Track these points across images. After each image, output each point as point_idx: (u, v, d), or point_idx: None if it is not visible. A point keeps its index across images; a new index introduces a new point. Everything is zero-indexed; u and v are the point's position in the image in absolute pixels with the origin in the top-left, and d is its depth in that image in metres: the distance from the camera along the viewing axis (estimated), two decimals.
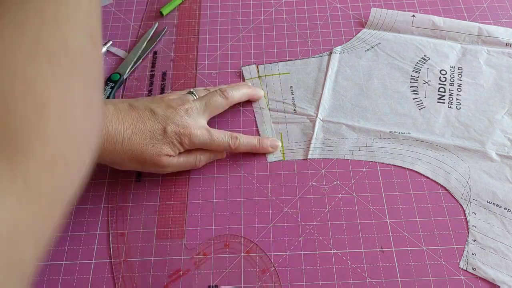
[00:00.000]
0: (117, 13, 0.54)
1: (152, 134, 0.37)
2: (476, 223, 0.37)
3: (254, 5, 0.54)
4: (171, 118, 0.37)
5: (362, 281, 0.35)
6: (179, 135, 0.37)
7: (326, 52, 0.49)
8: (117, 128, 0.35)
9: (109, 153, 0.35)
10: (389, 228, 0.38)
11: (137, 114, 0.37)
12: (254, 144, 0.41)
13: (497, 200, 0.38)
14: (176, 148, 0.38)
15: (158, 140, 0.37)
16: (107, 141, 0.35)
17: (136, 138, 0.36)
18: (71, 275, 0.37)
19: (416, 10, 0.51)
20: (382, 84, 0.46)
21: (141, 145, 0.36)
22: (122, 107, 0.37)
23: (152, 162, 0.37)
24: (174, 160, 0.38)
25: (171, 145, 0.37)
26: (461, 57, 0.47)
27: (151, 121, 0.37)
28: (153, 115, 0.37)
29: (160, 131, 0.37)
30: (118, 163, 0.38)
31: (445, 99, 0.44)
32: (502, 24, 0.49)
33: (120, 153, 0.36)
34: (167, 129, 0.37)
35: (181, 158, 0.39)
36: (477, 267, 0.35)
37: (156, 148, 0.37)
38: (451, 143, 0.42)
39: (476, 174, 0.40)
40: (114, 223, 0.39)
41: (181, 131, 0.37)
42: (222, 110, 0.42)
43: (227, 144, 0.40)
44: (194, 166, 0.40)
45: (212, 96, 0.40)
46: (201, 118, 0.39)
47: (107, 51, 0.50)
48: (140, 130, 0.36)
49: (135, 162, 0.37)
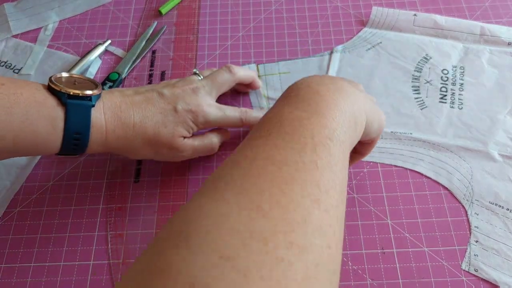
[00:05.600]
0: (115, 12, 0.54)
1: (164, 115, 0.35)
2: (478, 224, 0.37)
3: (254, 4, 0.53)
4: (180, 97, 0.36)
5: (363, 282, 0.35)
6: (192, 113, 0.36)
7: (327, 51, 0.48)
8: (126, 112, 0.34)
9: (122, 140, 0.34)
10: (390, 229, 0.38)
11: (145, 97, 0.36)
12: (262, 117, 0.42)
13: (500, 201, 0.38)
14: (190, 128, 0.36)
15: (171, 121, 0.35)
16: (118, 127, 0.34)
17: (147, 122, 0.35)
18: (69, 277, 0.36)
19: (417, 9, 0.51)
20: (384, 84, 0.45)
21: (153, 128, 0.35)
22: (128, 93, 0.36)
23: (166, 144, 0.36)
24: (189, 142, 0.37)
25: (185, 124, 0.36)
26: (463, 57, 0.47)
27: (160, 103, 0.35)
28: (161, 96, 0.36)
29: (171, 111, 0.35)
30: (131, 150, 0.36)
31: (447, 98, 0.44)
32: (503, 23, 0.49)
33: (132, 138, 0.34)
34: (178, 108, 0.35)
35: (195, 142, 0.38)
36: (479, 268, 0.35)
37: (169, 129, 0.35)
38: (453, 143, 0.41)
39: (478, 175, 0.39)
40: (113, 224, 0.39)
41: (193, 109, 0.36)
42: (228, 87, 0.40)
43: (239, 118, 0.39)
44: (210, 150, 0.39)
45: (218, 73, 0.40)
46: (210, 96, 0.38)
47: (105, 50, 0.50)
48: (150, 112, 0.35)
49: (149, 147, 0.36)
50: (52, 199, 0.41)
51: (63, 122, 0.31)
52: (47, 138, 0.31)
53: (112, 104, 0.34)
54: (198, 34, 0.51)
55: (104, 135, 0.33)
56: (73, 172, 0.42)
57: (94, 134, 0.33)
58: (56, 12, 0.54)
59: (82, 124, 0.32)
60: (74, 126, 0.32)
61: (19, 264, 0.37)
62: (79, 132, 0.32)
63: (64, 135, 0.32)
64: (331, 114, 0.26)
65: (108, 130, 0.33)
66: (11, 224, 0.39)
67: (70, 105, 0.32)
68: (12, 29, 0.52)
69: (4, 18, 0.53)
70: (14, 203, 0.40)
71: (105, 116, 0.33)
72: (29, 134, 0.30)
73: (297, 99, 0.27)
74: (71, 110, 0.32)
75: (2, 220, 0.40)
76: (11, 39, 0.52)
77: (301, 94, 0.28)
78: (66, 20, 0.53)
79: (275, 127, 0.25)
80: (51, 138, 0.31)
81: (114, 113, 0.34)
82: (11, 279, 0.37)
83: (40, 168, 0.42)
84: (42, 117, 0.30)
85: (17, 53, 0.50)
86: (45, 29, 0.52)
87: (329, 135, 0.25)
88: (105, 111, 0.33)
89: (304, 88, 0.28)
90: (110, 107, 0.34)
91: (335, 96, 0.27)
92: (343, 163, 0.25)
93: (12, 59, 0.50)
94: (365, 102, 0.30)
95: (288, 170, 0.22)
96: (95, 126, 0.33)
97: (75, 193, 0.41)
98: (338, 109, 0.26)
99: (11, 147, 0.30)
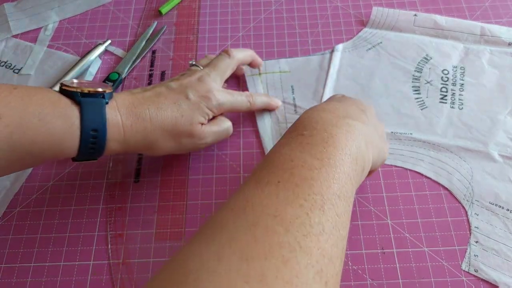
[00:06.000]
0: (115, 12, 0.54)
1: (178, 105, 0.35)
2: (478, 225, 0.37)
3: (254, 4, 0.53)
4: (189, 87, 0.36)
5: (363, 282, 0.35)
6: (204, 99, 0.36)
7: (327, 50, 0.48)
8: (141, 107, 0.34)
9: (141, 134, 0.34)
10: (390, 229, 0.38)
11: (155, 92, 0.36)
12: (267, 100, 0.43)
13: (500, 201, 0.38)
14: (205, 114, 0.36)
15: (186, 110, 0.35)
16: (135, 122, 0.33)
17: (163, 113, 0.34)
18: (69, 277, 0.36)
19: (417, 9, 0.51)
20: (384, 84, 0.45)
21: (171, 119, 0.35)
22: (137, 91, 0.36)
23: (186, 133, 0.36)
24: (208, 128, 0.37)
25: (200, 111, 0.36)
26: (463, 57, 0.47)
27: (171, 94, 0.36)
28: (170, 89, 0.36)
29: (184, 100, 0.35)
30: (152, 145, 0.35)
31: (447, 99, 0.44)
32: (503, 23, 0.49)
33: (151, 131, 0.34)
34: (189, 96, 0.36)
35: (214, 127, 0.38)
36: (479, 268, 0.35)
37: (187, 118, 0.35)
38: (454, 143, 0.41)
39: (478, 175, 0.39)
40: (113, 224, 0.39)
41: (204, 95, 0.36)
42: (230, 71, 0.40)
43: (246, 101, 0.40)
44: (227, 133, 0.40)
45: (218, 60, 0.40)
46: (216, 83, 0.38)
47: (105, 50, 0.50)
48: (164, 104, 0.35)
49: (170, 139, 0.35)
50: (52, 199, 0.41)
51: (78, 119, 0.31)
52: (63, 137, 0.31)
53: (125, 102, 0.34)
54: (198, 34, 0.51)
55: (122, 131, 0.33)
56: (73, 172, 0.42)
57: (111, 131, 0.32)
58: (56, 12, 0.54)
59: (98, 120, 0.32)
60: (90, 122, 0.31)
61: (19, 264, 0.37)
62: (95, 129, 0.31)
63: (81, 133, 0.31)
64: (342, 165, 0.26)
65: (125, 126, 0.33)
66: (11, 224, 0.39)
67: (84, 102, 0.32)
68: (12, 29, 0.52)
69: (4, 18, 0.53)
70: (14, 203, 0.40)
71: (119, 113, 0.33)
72: (46, 134, 0.30)
73: (311, 141, 0.27)
74: (86, 107, 0.31)
75: (2, 220, 0.40)
76: (11, 39, 0.52)
77: (314, 136, 0.28)
78: (66, 20, 0.53)
79: (285, 175, 0.25)
80: (68, 138, 0.31)
81: (129, 109, 0.34)
82: (11, 279, 0.37)
83: (40, 168, 0.42)
84: (57, 115, 0.30)
85: (17, 53, 0.50)
86: (45, 29, 0.52)
87: (338, 191, 0.25)
88: (119, 108, 0.33)
89: (319, 128, 0.28)
90: (124, 104, 0.34)
91: (347, 139, 0.28)
92: (347, 220, 0.25)
93: (12, 59, 0.50)
94: (373, 138, 0.31)
95: (295, 234, 0.21)
96: (111, 122, 0.32)
97: (75, 193, 0.41)
98: (349, 156, 0.27)
99: (28, 148, 0.30)
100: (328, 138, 0.27)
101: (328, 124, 0.29)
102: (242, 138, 0.43)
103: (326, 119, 0.29)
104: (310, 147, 0.27)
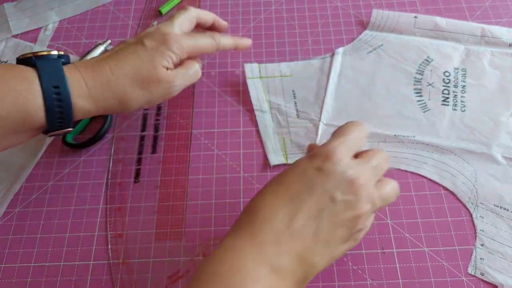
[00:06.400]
0: (115, 12, 0.54)
1: (136, 54, 0.35)
2: (483, 227, 0.37)
3: (254, 4, 0.53)
4: (144, 36, 0.36)
5: (363, 282, 0.35)
6: (163, 42, 0.36)
7: (328, 54, 0.48)
8: (99, 63, 0.34)
9: (106, 86, 0.34)
10: (390, 229, 0.38)
11: (112, 51, 0.36)
12: (234, 40, 0.42)
13: (504, 204, 0.38)
14: (168, 57, 0.36)
15: (145, 55, 0.35)
16: (96, 75, 0.34)
17: (123, 63, 0.35)
18: (69, 277, 0.36)
19: (417, 9, 0.51)
20: (385, 87, 0.45)
21: (132, 66, 0.35)
22: (94, 57, 0.37)
23: (152, 79, 0.35)
24: (174, 72, 0.37)
25: (160, 54, 0.36)
26: (464, 58, 0.47)
27: (128, 46, 0.36)
28: (126, 43, 0.37)
29: (141, 47, 0.35)
30: (122, 98, 0.35)
31: (450, 101, 0.44)
32: (503, 23, 0.49)
33: (115, 81, 0.34)
34: (146, 43, 0.36)
35: (180, 70, 0.37)
36: (485, 272, 0.35)
37: (149, 63, 0.35)
38: (456, 145, 0.41)
39: (482, 177, 0.39)
40: (113, 224, 0.39)
41: (161, 39, 0.36)
42: (190, 24, 0.40)
43: (211, 40, 0.40)
44: (196, 75, 0.39)
45: (174, 14, 0.40)
46: (172, 28, 0.37)
47: (105, 50, 0.50)
48: (122, 55, 0.35)
49: (138, 87, 0.35)
50: (52, 199, 0.41)
51: (37, 78, 0.31)
52: (27, 97, 0.31)
53: (83, 63, 0.35)
54: None
55: (84, 85, 0.33)
56: (73, 172, 0.42)
57: (74, 86, 0.32)
58: (56, 12, 0.54)
59: (56, 76, 0.32)
60: (49, 79, 0.31)
61: (19, 264, 0.37)
62: (57, 85, 0.32)
63: (43, 91, 0.31)
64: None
65: (86, 79, 0.33)
66: (11, 224, 0.39)
67: (39, 63, 0.32)
68: (12, 29, 0.52)
69: (4, 18, 0.53)
70: (14, 203, 0.40)
71: (78, 70, 0.33)
72: (8, 93, 0.30)
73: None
74: (42, 66, 0.32)
75: (2, 220, 0.40)
76: (11, 39, 0.52)
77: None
78: (66, 20, 0.53)
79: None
80: (31, 97, 0.31)
81: (87, 66, 0.34)
82: (11, 279, 0.37)
83: (40, 168, 0.42)
84: (16, 77, 0.31)
85: (17, 53, 0.50)
86: (45, 29, 0.52)
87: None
88: (78, 67, 0.34)
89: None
90: (82, 64, 0.34)
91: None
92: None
93: (12, 59, 0.50)
94: (310, 244, 0.28)
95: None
96: (71, 78, 0.32)
97: (75, 193, 0.41)
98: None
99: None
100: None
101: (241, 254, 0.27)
102: (242, 138, 0.43)
103: (239, 248, 0.27)
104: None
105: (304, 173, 0.29)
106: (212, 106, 0.46)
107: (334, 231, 0.28)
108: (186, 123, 0.45)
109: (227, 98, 0.46)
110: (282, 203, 0.28)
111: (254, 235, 0.27)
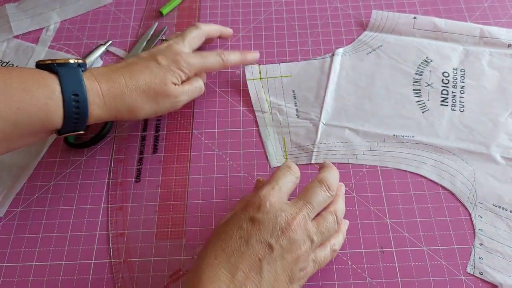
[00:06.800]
0: (116, 13, 0.54)
1: (150, 70, 0.38)
2: (482, 227, 0.37)
3: (254, 4, 0.54)
4: (158, 53, 0.39)
5: (362, 281, 0.35)
6: (174, 62, 0.39)
7: (328, 54, 0.48)
8: (115, 74, 0.36)
9: (119, 98, 0.36)
10: (389, 228, 0.38)
11: (126, 63, 0.38)
12: (241, 56, 0.45)
13: (503, 203, 0.38)
14: (177, 75, 0.39)
15: (158, 73, 0.38)
16: (111, 86, 0.36)
17: (137, 77, 0.37)
18: (70, 275, 0.37)
19: (417, 10, 0.51)
20: (385, 87, 0.46)
21: (145, 80, 0.37)
22: (108, 65, 0.39)
23: (162, 93, 0.38)
24: (181, 88, 0.40)
25: (172, 72, 0.39)
26: (463, 59, 0.47)
27: (142, 62, 0.38)
28: (139, 58, 0.39)
29: (155, 64, 0.38)
30: (133, 107, 0.37)
31: (448, 101, 0.44)
32: (502, 23, 0.49)
33: (129, 94, 0.36)
34: (160, 61, 0.38)
35: (186, 86, 0.40)
36: (484, 271, 0.35)
37: (160, 80, 0.38)
38: (455, 146, 0.41)
39: (481, 177, 0.39)
40: (114, 223, 0.39)
41: (173, 58, 0.39)
42: (199, 40, 0.43)
43: (219, 59, 0.42)
44: (200, 91, 0.42)
45: (185, 31, 0.43)
46: (184, 47, 0.41)
47: (106, 50, 0.50)
48: (136, 70, 0.37)
49: (148, 100, 0.38)
50: (53, 198, 0.41)
51: (59, 86, 0.33)
52: (48, 103, 0.32)
53: (100, 71, 0.36)
54: None
55: (101, 95, 0.35)
56: (75, 172, 0.42)
57: (91, 95, 0.34)
58: (57, 12, 0.54)
59: (77, 84, 0.34)
60: (70, 87, 0.33)
61: (21, 263, 0.37)
62: (76, 93, 0.33)
63: (63, 98, 0.33)
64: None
65: (103, 90, 0.35)
66: (13, 223, 0.40)
67: (61, 70, 0.34)
68: (14, 29, 0.52)
69: (6, 19, 0.53)
70: (16, 203, 0.41)
71: (96, 79, 0.35)
72: (31, 101, 0.32)
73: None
74: (63, 74, 0.34)
75: (4, 219, 0.40)
76: (12, 40, 0.52)
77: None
78: (68, 20, 0.54)
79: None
80: (52, 104, 0.33)
81: (104, 76, 0.36)
82: (13, 278, 0.37)
83: (41, 167, 0.43)
84: (38, 85, 0.32)
85: (19, 54, 0.50)
86: (46, 30, 0.53)
87: None
88: (95, 76, 0.36)
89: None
90: (99, 73, 0.36)
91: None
92: None
93: (14, 60, 0.50)
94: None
95: None
96: (89, 87, 0.35)
97: (77, 192, 0.41)
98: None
99: (14, 118, 0.31)
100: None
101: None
102: (242, 138, 0.44)
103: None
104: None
105: (240, 227, 0.30)
106: (213, 106, 0.46)
107: (276, 276, 0.29)
108: (187, 123, 0.45)
109: (227, 98, 0.46)
110: (222, 262, 0.29)
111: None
